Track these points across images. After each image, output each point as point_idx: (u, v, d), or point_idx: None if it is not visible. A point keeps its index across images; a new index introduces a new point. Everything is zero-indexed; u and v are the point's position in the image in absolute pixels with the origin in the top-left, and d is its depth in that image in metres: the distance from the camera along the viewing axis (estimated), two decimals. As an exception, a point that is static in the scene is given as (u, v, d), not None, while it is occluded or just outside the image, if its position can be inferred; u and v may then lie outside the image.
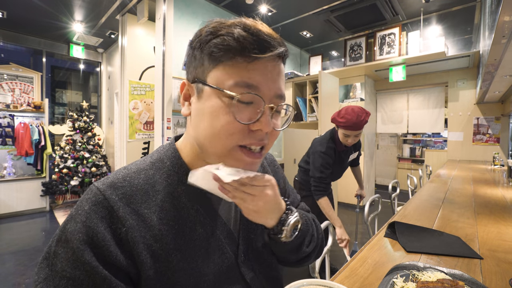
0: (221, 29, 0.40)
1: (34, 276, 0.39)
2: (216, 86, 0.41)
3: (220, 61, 0.40)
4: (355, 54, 4.03)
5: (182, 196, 0.46)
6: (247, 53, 0.39)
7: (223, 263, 0.48)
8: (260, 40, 0.39)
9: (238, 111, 0.40)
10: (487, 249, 0.85)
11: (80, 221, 0.39)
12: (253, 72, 0.40)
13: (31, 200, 3.74)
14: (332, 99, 3.36)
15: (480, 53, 3.16)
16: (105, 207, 0.40)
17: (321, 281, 0.48)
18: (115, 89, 4.51)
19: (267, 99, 0.41)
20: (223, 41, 0.39)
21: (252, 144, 0.42)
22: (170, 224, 0.44)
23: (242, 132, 0.41)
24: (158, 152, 0.51)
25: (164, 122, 2.64)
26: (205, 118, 0.42)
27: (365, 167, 4.42)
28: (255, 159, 0.43)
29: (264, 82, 0.41)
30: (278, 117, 0.45)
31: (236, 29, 0.39)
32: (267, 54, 0.40)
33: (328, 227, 1.28)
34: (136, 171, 0.46)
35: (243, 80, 0.39)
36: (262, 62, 0.40)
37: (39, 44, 4.42)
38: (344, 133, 1.63)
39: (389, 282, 0.58)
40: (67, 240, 0.38)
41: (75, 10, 3.46)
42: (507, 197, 1.62)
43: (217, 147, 0.42)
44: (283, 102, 0.44)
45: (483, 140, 4.02)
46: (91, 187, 0.43)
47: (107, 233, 0.39)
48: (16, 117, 3.89)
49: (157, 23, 2.73)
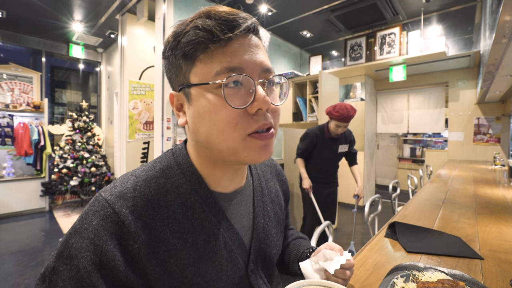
0: (184, 27, 0.40)
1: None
2: (201, 83, 0.39)
3: (195, 57, 0.39)
4: (355, 54, 4.02)
5: (196, 207, 0.44)
6: (217, 37, 0.37)
7: (235, 274, 0.47)
8: (224, 21, 0.38)
9: (232, 99, 0.38)
10: (488, 250, 0.84)
11: (88, 237, 0.36)
12: (231, 54, 0.38)
13: (30, 200, 3.74)
14: (332, 99, 3.36)
15: (481, 53, 3.15)
16: (114, 222, 0.37)
17: (321, 281, 0.48)
18: (114, 89, 4.51)
19: (255, 75, 0.40)
20: (191, 36, 0.38)
21: (259, 128, 0.40)
22: (184, 237, 0.42)
23: (245, 119, 0.39)
24: (167, 157, 0.48)
25: (164, 122, 2.63)
26: (203, 119, 0.40)
27: (365, 167, 4.41)
28: (267, 140, 0.42)
29: (245, 61, 0.39)
30: (273, 91, 0.43)
31: (199, 20, 0.38)
32: (236, 31, 0.38)
33: (328, 227, 1.28)
34: (146, 179, 0.43)
35: (224, 65, 0.38)
36: (236, 42, 0.39)
37: (38, 44, 4.42)
38: (337, 124, 1.98)
39: (389, 283, 0.58)
40: (71, 257, 0.36)
41: (75, 9, 3.46)
42: (508, 197, 1.62)
43: (228, 142, 0.40)
44: (272, 75, 0.42)
45: (484, 140, 4.01)
46: (98, 197, 0.40)
47: (117, 251, 0.36)
48: (16, 117, 3.88)
49: (157, 23, 2.73)
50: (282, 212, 0.63)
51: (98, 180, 4.07)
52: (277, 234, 0.58)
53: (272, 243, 0.56)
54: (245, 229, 0.51)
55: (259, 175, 0.59)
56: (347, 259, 0.53)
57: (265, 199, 0.57)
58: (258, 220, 0.53)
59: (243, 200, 0.52)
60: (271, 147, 0.43)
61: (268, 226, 0.55)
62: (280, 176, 0.67)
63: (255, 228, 0.52)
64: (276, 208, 0.60)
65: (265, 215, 0.55)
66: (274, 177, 0.65)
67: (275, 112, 0.43)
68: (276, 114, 0.44)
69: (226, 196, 0.48)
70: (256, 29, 0.42)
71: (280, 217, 0.62)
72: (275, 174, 0.66)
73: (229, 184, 0.49)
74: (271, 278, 0.57)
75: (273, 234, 0.57)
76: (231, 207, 0.49)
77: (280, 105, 0.44)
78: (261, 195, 0.56)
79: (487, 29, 2.21)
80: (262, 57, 0.42)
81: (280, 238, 0.60)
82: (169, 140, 2.65)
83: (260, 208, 0.55)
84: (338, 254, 0.54)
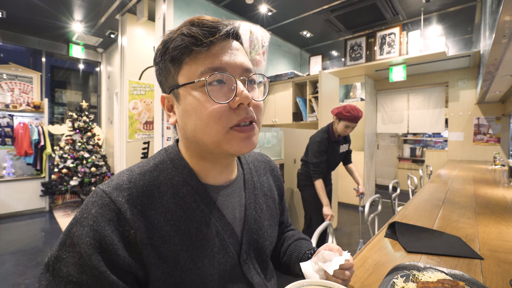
0: (172, 35, 0.45)
1: (36, 284, 0.38)
2: (187, 82, 0.44)
3: (182, 60, 0.44)
4: (355, 54, 4.02)
5: (188, 197, 0.47)
6: (200, 41, 0.42)
7: (227, 262, 0.49)
8: (207, 27, 0.43)
9: (215, 94, 0.42)
10: (488, 250, 0.84)
11: (87, 224, 0.39)
12: (213, 56, 0.43)
13: (30, 200, 3.73)
14: (332, 99, 3.36)
15: (481, 53, 3.15)
16: (112, 210, 0.40)
17: (321, 281, 0.48)
18: (114, 89, 4.51)
19: (236, 74, 0.44)
20: (178, 42, 0.43)
21: (241, 121, 0.44)
22: (176, 225, 0.44)
23: (228, 113, 0.43)
24: (161, 154, 0.52)
25: (164, 122, 2.63)
26: (190, 115, 0.44)
27: (365, 167, 4.41)
28: (248, 133, 0.45)
29: (226, 61, 0.44)
30: (254, 89, 0.48)
31: (184, 28, 0.43)
32: (217, 35, 0.43)
33: (328, 227, 1.28)
34: (140, 173, 0.46)
35: (207, 66, 0.43)
36: (217, 45, 0.44)
37: (38, 44, 4.42)
38: (347, 125, 1.95)
39: (389, 283, 0.58)
40: (73, 244, 0.38)
41: (75, 9, 3.46)
42: (508, 197, 1.62)
43: (212, 134, 0.43)
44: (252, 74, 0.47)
45: (484, 140, 4.01)
46: (96, 190, 0.43)
47: (115, 236, 0.39)
48: (16, 117, 3.88)
49: (157, 23, 2.73)
50: (276, 206, 0.65)
51: (98, 180, 4.08)
52: (270, 226, 0.60)
53: (265, 234, 0.57)
54: (236, 220, 0.53)
55: (250, 170, 0.61)
56: (346, 259, 0.53)
57: (257, 192, 0.59)
58: (250, 212, 0.55)
59: (234, 192, 0.54)
60: (253, 139, 0.46)
61: (261, 218, 0.57)
62: (273, 172, 0.69)
63: (247, 220, 0.54)
64: (269, 201, 0.62)
65: (257, 207, 0.57)
66: (267, 172, 0.67)
67: (257, 107, 0.47)
68: (258, 109, 0.47)
69: (216, 188, 0.51)
70: (236, 34, 0.47)
71: (274, 211, 0.64)
72: (269, 170, 0.68)
73: (219, 177, 0.52)
74: (266, 271, 0.59)
75: (266, 226, 0.58)
76: (222, 198, 0.51)
77: (261, 101, 0.48)
78: (252, 188, 0.58)
79: (487, 29, 2.21)
80: (242, 58, 0.46)
81: (274, 230, 0.62)
82: (169, 140, 2.65)
83: (252, 201, 0.57)
84: (337, 255, 0.54)
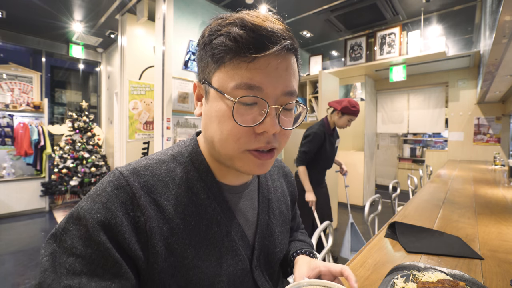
0: (220, 28, 0.40)
1: (41, 250, 0.38)
2: (218, 89, 0.40)
3: (222, 62, 0.39)
4: (355, 54, 4.02)
5: (201, 193, 0.46)
6: (243, 53, 0.37)
7: (237, 265, 0.47)
8: (258, 38, 0.37)
9: (241, 114, 0.39)
10: (488, 250, 0.84)
11: (100, 201, 0.38)
12: (255, 71, 0.38)
13: (30, 200, 3.73)
14: (332, 99, 3.35)
15: (481, 53, 3.15)
16: (127, 193, 0.40)
17: (321, 281, 0.48)
18: (114, 89, 4.51)
19: (272, 98, 0.40)
20: (221, 42, 0.38)
21: (260, 148, 0.42)
22: (187, 219, 0.44)
23: (248, 135, 0.40)
24: (179, 145, 0.51)
25: (164, 122, 2.63)
26: (213, 121, 0.42)
27: (365, 167, 4.42)
28: (265, 160, 0.43)
29: (267, 81, 0.38)
30: (288, 115, 0.43)
31: (234, 28, 0.38)
32: (265, 52, 0.37)
33: (328, 227, 1.28)
34: (157, 161, 0.46)
35: (244, 81, 0.38)
36: (263, 60, 0.38)
37: (38, 44, 4.42)
38: (350, 119, 1.99)
39: (389, 283, 0.58)
40: (79, 218, 0.37)
41: (75, 9, 3.46)
42: (508, 197, 1.62)
43: (228, 150, 0.42)
44: (293, 99, 0.42)
45: (484, 140, 4.01)
46: (114, 171, 0.43)
47: (125, 219, 0.38)
48: (15, 117, 3.88)
49: (157, 23, 2.73)
50: (289, 212, 0.64)
51: (98, 180, 4.07)
52: (281, 233, 0.58)
53: (276, 241, 0.56)
54: (249, 223, 0.52)
55: (265, 174, 0.60)
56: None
57: (271, 197, 0.58)
58: (263, 216, 0.54)
59: (248, 195, 0.53)
60: (268, 166, 0.45)
61: (273, 223, 0.56)
62: (287, 177, 0.68)
63: (259, 224, 0.53)
64: (282, 207, 0.61)
65: (270, 212, 0.56)
66: (281, 177, 0.65)
67: (283, 135, 0.44)
68: (284, 137, 0.44)
69: (231, 188, 0.50)
70: (292, 49, 0.41)
71: (286, 217, 0.62)
72: (282, 175, 0.67)
73: (235, 179, 0.51)
74: (273, 277, 0.57)
75: (278, 232, 0.57)
76: (236, 200, 0.51)
77: (290, 129, 0.44)
78: (266, 193, 0.57)
79: (487, 29, 2.21)
80: (287, 80, 0.41)
81: (286, 237, 0.61)
82: (169, 140, 2.64)
83: (265, 205, 0.56)
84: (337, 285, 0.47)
